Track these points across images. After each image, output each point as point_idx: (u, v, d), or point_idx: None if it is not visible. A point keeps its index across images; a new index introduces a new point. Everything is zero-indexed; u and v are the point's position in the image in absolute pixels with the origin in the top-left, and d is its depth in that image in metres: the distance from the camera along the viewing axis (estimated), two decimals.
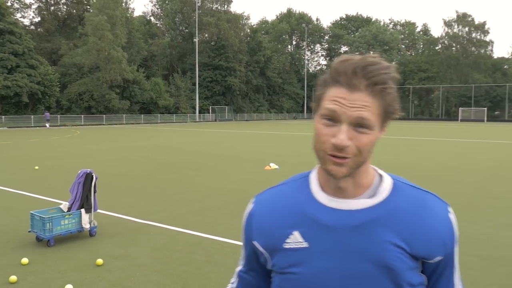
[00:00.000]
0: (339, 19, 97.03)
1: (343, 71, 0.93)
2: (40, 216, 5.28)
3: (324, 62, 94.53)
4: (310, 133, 31.19)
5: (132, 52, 53.99)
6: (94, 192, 5.77)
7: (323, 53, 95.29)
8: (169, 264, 4.72)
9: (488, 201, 8.04)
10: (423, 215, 1.01)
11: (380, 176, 1.06)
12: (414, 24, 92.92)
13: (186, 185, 9.59)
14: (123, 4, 55.10)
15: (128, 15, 56.80)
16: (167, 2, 69.60)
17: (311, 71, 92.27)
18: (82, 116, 45.13)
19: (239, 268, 1.22)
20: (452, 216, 1.05)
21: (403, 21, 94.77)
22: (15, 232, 5.91)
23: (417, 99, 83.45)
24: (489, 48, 77.78)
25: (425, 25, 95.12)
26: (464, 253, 5.06)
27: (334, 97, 0.94)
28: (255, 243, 1.10)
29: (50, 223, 5.26)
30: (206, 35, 65.56)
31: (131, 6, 62.08)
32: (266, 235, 1.07)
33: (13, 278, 4.21)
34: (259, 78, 72.68)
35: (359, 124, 0.93)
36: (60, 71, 48.57)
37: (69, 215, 5.49)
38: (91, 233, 5.73)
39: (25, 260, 4.72)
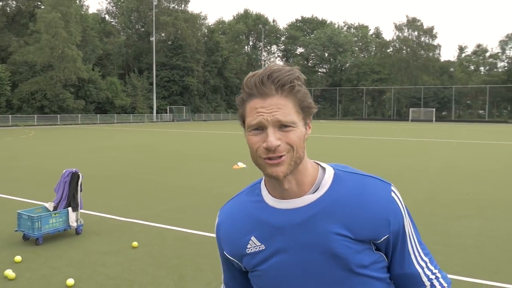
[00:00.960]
0: (295, 20, 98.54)
1: (253, 84, 1.04)
2: (29, 215, 5.37)
3: (281, 63, 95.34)
4: None
5: (87, 51, 52.66)
6: (80, 191, 5.90)
7: (279, 54, 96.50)
8: (161, 258, 4.96)
9: (444, 195, 8.72)
10: (363, 200, 1.08)
11: (324, 169, 1.15)
12: (367, 27, 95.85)
13: (159, 185, 9.75)
14: (77, 1, 53.69)
15: (83, 12, 55.36)
16: (122, 0, 68.28)
17: None
18: (35, 116, 43.62)
19: (222, 276, 1.34)
20: (394, 195, 1.12)
21: (356, 24, 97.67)
22: None
23: (370, 100, 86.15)
24: (437, 51, 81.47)
25: (377, 29, 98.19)
26: (429, 241, 5.59)
27: (253, 109, 1.04)
28: (225, 253, 1.22)
29: (39, 222, 5.35)
30: (163, 34, 64.93)
31: (85, 3, 60.27)
32: (231, 244, 1.19)
33: (12, 275, 4.32)
34: (217, 78, 72.76)
35: (281, 124, 1.02)
36: (10, 69, 46.62)
37: (57, 213, 5.60)
38: (78, 231, 5.86)
39: (18, 258, 4.81)
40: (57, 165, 12.60)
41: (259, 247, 1.12)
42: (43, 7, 48.57)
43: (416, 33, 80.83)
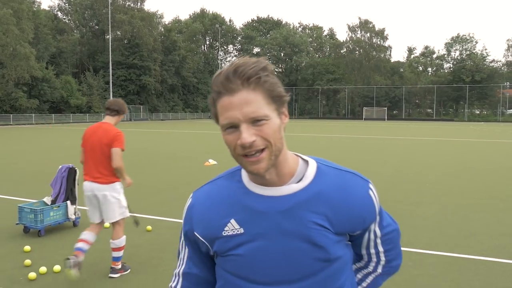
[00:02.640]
0: (251, 20, 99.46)
1: (220, 81, 1.02)
2: (31, 208, 5.68)
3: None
4: None
5: (39, 48, 51.14)
6: (77, 185, 6.25)
7: (236, 53, 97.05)
8: (162, 244, 5.43)
9: (403, 186, 9.62)
10: (344, 196, 1.11)
11: (306, 161, 1.17)
12: (321, 28, 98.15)
13: (137, 181, 10.07)
14: None
15: (35, 8, 53.68)
16: None
17: None
18: None
19: (180, 268, 1.27)
20: (371, 193, 1.16)
21: (311, 25, 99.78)
22: None
23: (325, 99, 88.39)
24: (388, 52, 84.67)
25: (331, 30, 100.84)
26: (400, 223, 6.34)
27: (224, 107, 1.02)
28: (196, 234, 1.18)
29: (42, 214, 5.68)
30: (119, 32, 63.91)
31: None
32: (205, 225, 1.16)
33: (28, 262, 4.67)
34: (174, 77, 72.37)
35: (253, 120, 1.01)
36: None
37: (57, 207, 5.94)
38: (75, 223, 6.21)
39: (27, 248, 5.14)
40: (28, 164, 12.62)
41: (238, 231, 1.12)
42: None
43: (368, 34, 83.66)
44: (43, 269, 4.45)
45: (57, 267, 4.52)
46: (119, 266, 4.41)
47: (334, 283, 1.12)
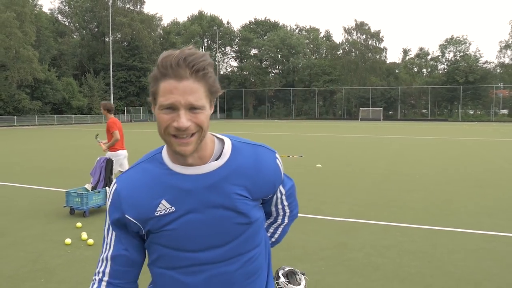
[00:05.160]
0: (248, 22, 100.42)
1: (169, 64, 1.08)
2: (78, 193, 6.68)
3: (235, 64, 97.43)
4: (230, 132, 33.15)
5: (41, 51, 52.01)
6: (114, 173, 7.25)
7: (233, 55, 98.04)
8: None
9: (396, 177, 10.65)
10: (259, 167, 1.29)
11: (221, 140, 1.29)
12: (317, 30, 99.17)
13: None
14: (31, 0, 52.90)
15: (36, 11, 54.55)
16: (76, 0, 67.48)
17: (222, 72, 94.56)
18: None
19: (108, 252, 1.28)
20: (278, 162, 1.35)
21: (308, 27, 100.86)
22: (45, 209, 7.17)
23: (322, 100, 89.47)
24: (383, 54, 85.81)
25: (327, 32, 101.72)
26: (387, 206, 7.39)
27: (167, 89, 1.09)
28: (127, 217, 1.23)
29: (87, 198, 6.67)
30: (119, 35, 64.82)
31: (39, 2, 59.28)
32: (136, 208, 1.23)
33: (84, 234, 5.66)
34: None
35: (192, 107, 1.11)
36: None
37: (98, 192, 6.93)
38: None
39: (79, 224, 6.14)
40: (44, 162, 13.55)
41: (170, 209, 1.21)
42: None
43: (364, 36, 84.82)
44: (93, 239, 5.45)
45: None
46: None
47: (253, 242, 1.31)
